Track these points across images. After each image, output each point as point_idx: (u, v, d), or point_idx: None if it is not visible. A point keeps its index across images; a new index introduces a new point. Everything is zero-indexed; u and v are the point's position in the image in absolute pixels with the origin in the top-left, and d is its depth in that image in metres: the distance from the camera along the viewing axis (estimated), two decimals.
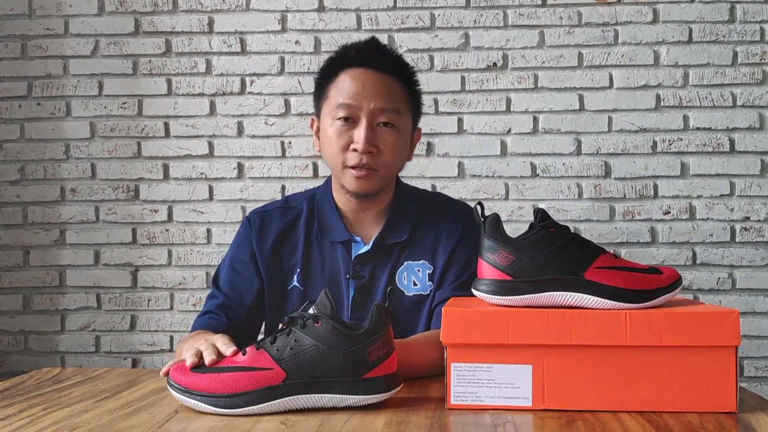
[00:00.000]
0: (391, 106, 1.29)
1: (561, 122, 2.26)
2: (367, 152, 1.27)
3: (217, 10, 2.33)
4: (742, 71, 2.23)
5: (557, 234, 0.96)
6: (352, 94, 1.28)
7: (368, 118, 1.27)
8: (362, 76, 1.29)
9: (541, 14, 2.26)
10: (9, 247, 2.37)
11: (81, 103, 2.35)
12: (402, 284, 1.35)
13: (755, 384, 2.22)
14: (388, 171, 1.32)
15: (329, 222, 1.36)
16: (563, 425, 0.86)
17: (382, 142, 1.28)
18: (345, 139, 1.28)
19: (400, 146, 1.32)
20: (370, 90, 1.28)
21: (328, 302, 0.92)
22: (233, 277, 1.37)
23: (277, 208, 1.41)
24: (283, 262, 1.37)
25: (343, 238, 1.35)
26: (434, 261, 1.35)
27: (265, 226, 1.38)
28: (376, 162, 1.28)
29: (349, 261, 1.35)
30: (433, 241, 1.36)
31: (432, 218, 1.38)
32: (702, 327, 0.90)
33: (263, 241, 1.37)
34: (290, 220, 1.39)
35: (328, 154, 1.31)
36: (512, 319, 0.92)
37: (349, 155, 1.28)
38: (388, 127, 1.29)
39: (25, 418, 0.90)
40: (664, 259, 2.24)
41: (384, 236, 1.35)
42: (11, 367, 2.34)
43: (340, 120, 1.28)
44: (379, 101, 1.28)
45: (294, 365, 0.90)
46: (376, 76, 1.29)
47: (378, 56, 1.31)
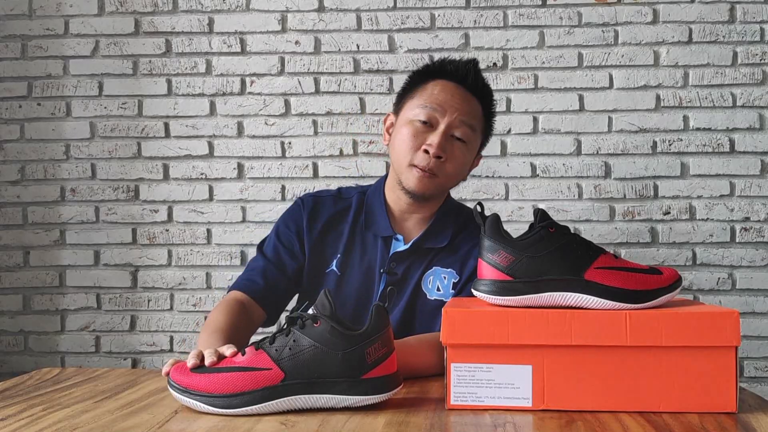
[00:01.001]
0: (469, 122, 1.36)
1: (561, 122, 2.26)
2: (437, 156, 1.32)
3: (217, 10, 2.33)
4: (742, 71, 2.23)
5: (557, 234, 0.96)
6: (439, 101, 1.35)
7: (446, 126, 1.34)
8: (453, 89, 1.36)
9: (541, 14, 2.26)
10: (9, 247, 2.37)
11: (81, 103, 2.35)
12: (426, 287, 1.39)
13: (755, 384, 2.22)
14: (447, 180, 1.38)
15: (376, 216, 1.42)
16: (563, 425, 0.86)
17: (450, 151, 1.34)
18: (419, 140, 1.34)
19: (465, 161, 1.39)
20: (456, 102, 1.35)
21: (327, 303, 0.92)
22: (278, 246, 1.44)
23: (330, 195, 1.49)
24: (326, 247, 1.43)
25: (386, 233, 1.41)
26: (461, 272, 1.39)
27: (316, 210, 1.45)
28: (440, 168, 1.34)
29: (386, 256, 1.40)
30: (465, 254, 1.40)
31: (469, 232, 1.43)
32: (702, 327, 0.90)
33: (312, 223, 1.44)
34: (340, 210, 1.46)
35: (398, 150, 1.36)
36: (512, 320, 0.92)
37: (419, 155, 1.33)
38: (460, 141, 1.36)
39: (25, 419, 0.90)
40: (664, 259, 2.24)
41: (424, 239, 1.40)
42: (11, 367, 2.34)
43: (419, 121, 1.35)
44: (460, 114, 1.34)
45: (292, 365, 0.90)
46: (464, 93, 1.37)
47: (473, 77, 1.38)
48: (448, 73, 1.38)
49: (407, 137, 1.35)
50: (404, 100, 1.42)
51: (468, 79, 1.38)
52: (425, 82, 1.39)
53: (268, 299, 1.40)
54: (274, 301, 1.41)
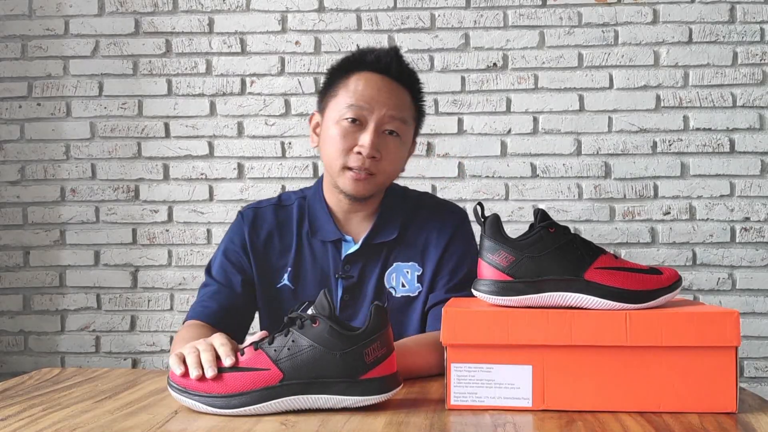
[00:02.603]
0: (400, 115, 1.30)
1: (561, 122, 2.26)
2: (371, 157, 1.27)
3: (217, 11, 2.33)
4: (742, 72, 2.23)
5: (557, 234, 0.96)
6: (365, 97, 1.28)
7: (377, 124, 1.28)
8: (378, 82, 1.29)
9: (541, 15, 2.26)
10: (9, 247, 2.37)
11: (81, 103, 2.35)
12: (390, 284, 1.35)
13: (755, 384, 2.22)
14: (385, 178, 1.33)
15: (320, 221, 1.36)
16: (563, 426, 0.85)
17: (385, 148, 1.29)
18: (350, 141, 1.28)
19: (401, 155, 1.34)
20: (384, 96, 1.28)
21: (326, 303, 0.92)
22: (226, 265, 1.37)
23: (270, 205, 1.41)
24: (273, 259, 1.37)
25: (334, 237, 1.35)
26: (423, 263, 1.35)
27: (257, 221, 1.39)
28: (376, 167, 1.29)
29: (338, 260, 1.35)
30: (423, 243, 1.36)
31: (422, 219, 1.38)
32: (702, 327, 0.90)
33: (255, 236, 1.37)
34: (283, 219, 1.39)
35: (329, 153, 1.31)
36: (512, 320, 0.92)
37: (352, 157, 1.28)
38: (393, 135, 1.30)
39: (25, 419, 0.90)
40: (664, 259, 2.24)
41: (373, 235, 1.35)
42: (11, 367, 2.34)
43: (347, 120, 1.28)
44: (390, 109, 1.28)
45: (291, 366, 0.90)
46: (392, 85, 1.30)
47: (397, 66, 1.32)
48: (370, 65, 1.31)
49: (337, 139, 1.28)
50: (328, 98, 1.33)
51: (391, 68, 1.31)
52: (347, 77, 1.31)
53: (226, 321, 1.31)
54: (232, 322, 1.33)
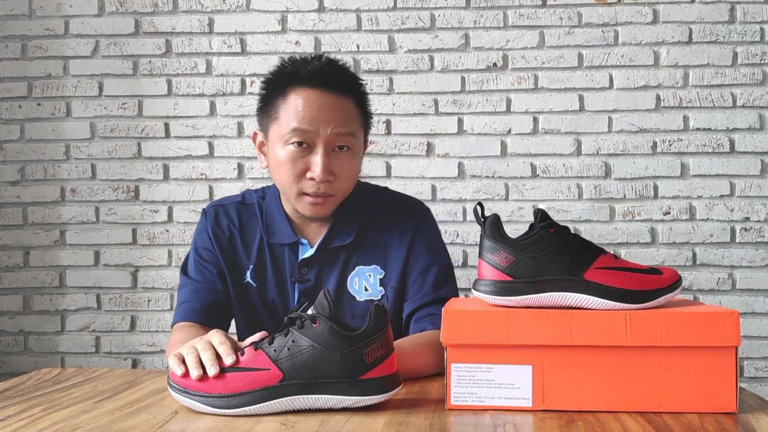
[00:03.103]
0: (347, 130, 1.24)
1: (561, 123, 2.26)
2: (325, 181, 1.23)
3: (217, 11, 2.33)
4: (742, 72, 2.23)
5: (557, 234, 0.96)
6: (307, 119, 1.21)
7: (324, 145, 1.22)
8: (317, 100, 1.22)
9: (541, 15, 2.26)
10: (9, 247, 2.37)
11: (81, 103, 2.35)
12: (353, 289, 1.33)
13: (755, 384, 2.22)
14: (344, 194, 1.29)
15: (276, 224, 1.35)
16: (563, 426, 0.85)
17: (338, 167, 1.24)
18: (300, 166, 1.23)
19: (355, 168, 1.29)
20: (326, 114, 1.22)
21: (326, 303, 0.92)
22: (199, 263, 1.37)
23: (233, 203, 1.40)
24: (238, 255, 1.36)
25: (289, 240, 1.34)
26: (386, 266, 1.33)
27: (219, 219, 1.38)
28: (332, 188, 1.25)
29: (295, 263, 1.34)
30: (384, 245, 1.34)
31: (381, 220, 1.36)
32: (702, 327, 0.90)
33: (220, 232, 1.37)
34: (246, 217, 1.38)
35: (281, 180, 1.27)
36: (512, 320, 0.92)
37: (305, 183, 1.24)
38: (344, 151, 1.25)
39: (25, 419, 0.90)
40: (664, 259, 2.24)
41: (328, 240, 1.33)
42: (11, 367, 2.34)
43: (293, 145, 1.23)
44: (336, 126, 1.22)
45: (291, 366, 0.90)
46: (332, 99, 1.23)
47: (333, 77, 1.24)
48: (305, 80, 1.23)
49: (287, 165, 1.23)
50: (269, 120, 1.27)
51: (328, 81, 1.23)
52: (285, 95, 1.24)
53: (213, 316, 1.32)
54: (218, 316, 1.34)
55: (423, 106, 2.29)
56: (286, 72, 1.26)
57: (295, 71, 1.25)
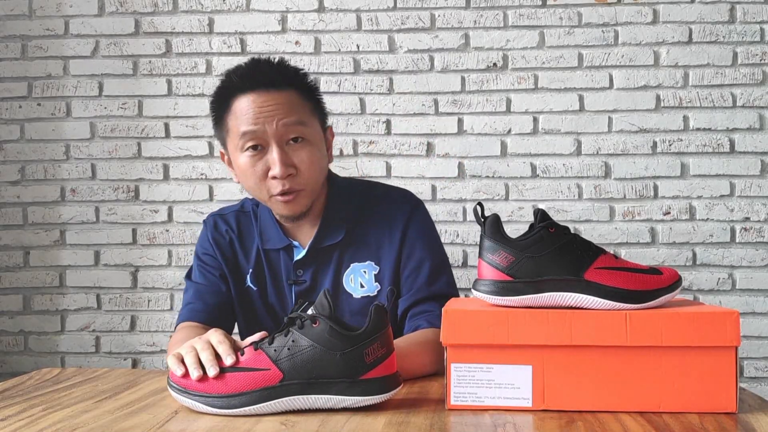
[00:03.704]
0: (294, 120, 1.24)
1: (561, 123, 2.26)
2: (287, 176, 1.23)
3: (217, 11, 2.33)
4: (742, 72, 2.23)
5: (557, 234, 0.96)
6: (251, 120, 1.22)
7: (276, 141, 1.22)
8: (256, 100, 1.22)
9: (541, 15, 2.26)
10: (9, 247, 2.37)
11: (81, 103, 2.35)
12: (349, 287, 1.33)
13: (755, 384, 2.22)
14: (313, 186, 1.29)
15: (268, 230, 1.36)
16: (563, 426, 0.85)
17: (297, 160, 1.24)
18: (260, 169, 1.24)
19: (316, 157, 1.27)
20: (268, 111, 1.22)
21: (326, 303, 0.92)
22: (203, 267, 1.40)
23: (232, 212, 1.43)
24: (238, 261, 1.38)
25: (281, 244, 1.35)
26: (380, 261, 1.33)
27: (219, 227, 1.41)
28: (298, 182, 1.25)
29: (290, 266, 1.34)
30: (376, 240, 1.34)
31: (371, 215, 1.35)
32: (702, 327, 0.90)
33: (220, 240, 1.39)
34: (244, 224, 1.41)
35: (250, 187, 1.28)
36: (512, 320, 0.92)
37: (271, 184, 1.24)
38: (298, 142, 1.24)
39: (25, 419, 0.90)
40: (664, 259, 2.24)
41: (319, 240, 1.33)
42: (11, 367, 2.34)
43: (248, 150, 1.24)
44: (281, 119, 1.22)
45: (291, 366, 0.90)
46: (270, 95, 1.23)
47: (262, 76, 1.24)
48: (240, 87, 1.24)
49: (248, 171, 1.24)
50: (222, 133, 1.29)
51: (260, 81, 1.23)
52: (228, 106, 1.25)
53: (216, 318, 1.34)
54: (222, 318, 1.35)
55: (423, 106, 2.29)
56: (223, 86, 1.28)
57: (229, 81, 1.26)
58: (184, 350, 0.97)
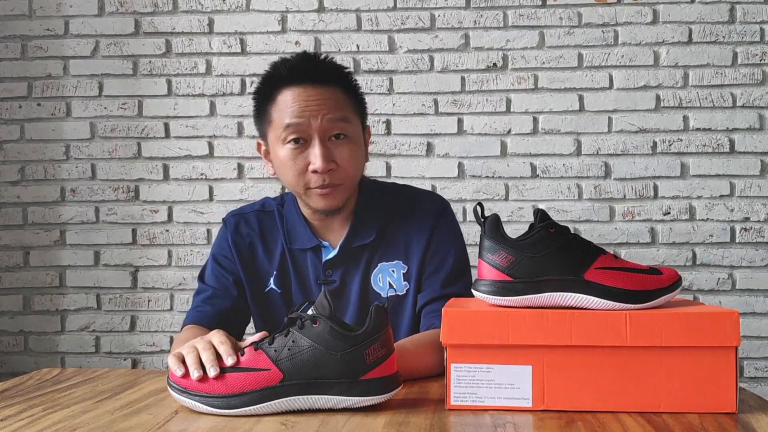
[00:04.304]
0: (339, 116, 1.25)
1: (561, 123, 2.26)
2: (327, 171, 1.24)
3: (217, 11, 2.33)
4: (742, 72, 2.23)
5: (557, 234, 0.95)
6: (296, 113, 1.23)
7: (320, 135, 1.23)
8: (303, 93, 1.24)
9: (541, 15, 2.26)
10: (9, 247, 2.37)
11: (81, 103, 2.35)
12: (378, 286, 1.33)
13: (755, 384, 2.22)
14: (350, 183, 1.30)
15: (296, 230, 1.36)
16: (563, 426, 0.85)
17: (338, 156, 1.25)
18: (301, 162, 1.25)
19: (357, 155, 1.29)
20: (314, 106, 1.23)
21: (326, 303, 0.92)
22: (217, 270, 1.38)
23: (253, 211, 1.41)
24: (259, 264, 1.37)
25: (310, 244, 1.34)
26: (408, 260, 1.34)
27: (241, 227, 1.39)
28: (337, 177, 1.26)
29: (319, 266, 1.34)
30: (405, 240, 1.34)
31: (401, 215, 1.36)
32: (702, 327, 0.90)
33: (240, 242, 1.38)
34: (266, 225, 1.39)
35: (287, 180, 1.28)
36: (512, 320, 0.92)
37: (310, 177, 1.25)
38: (341, 139, 1.26)
39: (25, 419, 0.90)
40: (664, 259, 2.24)
41: (350, 240, 1.33)
42: (11, 367, 2.34)
43: (290, 143, 1.24)
44: (326, 115, 1.23)
45: (291, 366, 0.90)
46: (317, 90, 1.24)
47: (313, 71, 1.26)
48: (288, 79, 1.25)
49: (289, 164, 1.25)
50: (264, 125, 1.30)
51: (309, 75, 1.25)
52: (273, 97, 1.26)
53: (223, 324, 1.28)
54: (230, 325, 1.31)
55: (423, 106, 2.29)
56: (270, 77, 1.29)
57: (277, 73, 1.27)
58: (186, 350, 0.97)
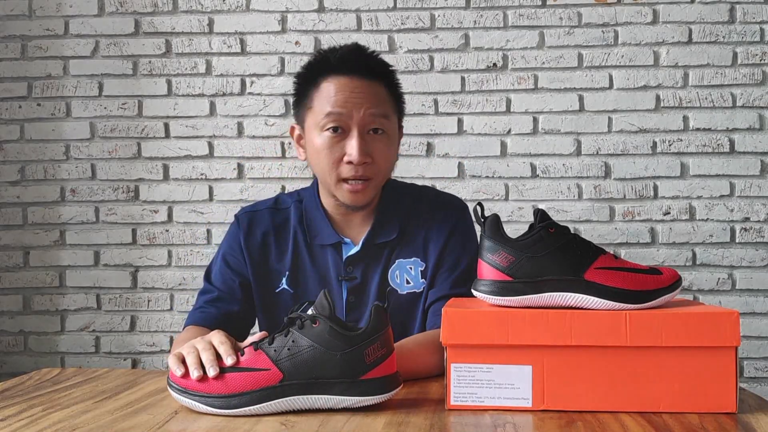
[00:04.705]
0: (380, 112, 1.26)
1: (561, 123, 2.26)
2: (362, 163, 1.24)
3: (217, 11, 2.33)
4: (742, 72, 2.23)
5: (557, 235, 0.96)
6: (340, 102, 1.24)
7: (359, 127, 1.24)
8: (348, 84, 1.25)
9: (541, 15, 2.26)
10: (9, 247, 2.37)
11: (81, 103, 2.35)
12: (395, 283, 1.34)
13: (755, 384, 2.22)
14: (381, 178, 1.31)
15: (317, 225, 1.35)
16: (563, 426, 0.85)
17: (374, 150, 1.26)
18: (337, 152, 1.25)
19: (391, 151, 1.31)
20: (358, 98, 1.24)
21: (326, 303, 0.92)
22: (224, 270, 1.37)
23: (267, 208, 1.40)
24: (271, 264, 1.36)
25: (332, 240, 1.34)
26: (426, 258, 1.34)
27: (253, 226, 1.37)
28: (370, 171, 1.26)
29: (340, 263, 1.33)
30: (424, 238, 1.35)
31: (421, 214, 1.37)
32: (702, 328, 0.90)
33: (251, 241, 1.36)
34: (279, 222, 1.38)
35: (320, 167, 1.28)
36: (512, 320, 0.92)
37: (344, 168, 1.25)
38: (378, 134, 1.27)
39: (25, 419, 0.90)
40: (664, 259, 2.24)
41: (373, 236, 1.33)
42: (11, 367, 2.34)
43: (329, 131, 1.25)
44: (368, 109, 1.24)
45: (291, 366, 0.90)
46: (362, 83, 1.25)
47: (363, 63, 1.27)
48: (336, 67, 1.26)
49: (324, 152, 1.25)
50: (304, 110, 1.30)
51: (358, 66, 1.26)
52: (317, 84, 1.27)
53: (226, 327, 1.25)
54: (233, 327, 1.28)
55: (423, 106, 2.29)
56: (317, 62, 1.30)
57: (325, 60, 1.28)
58: (186, 350, 0.97)
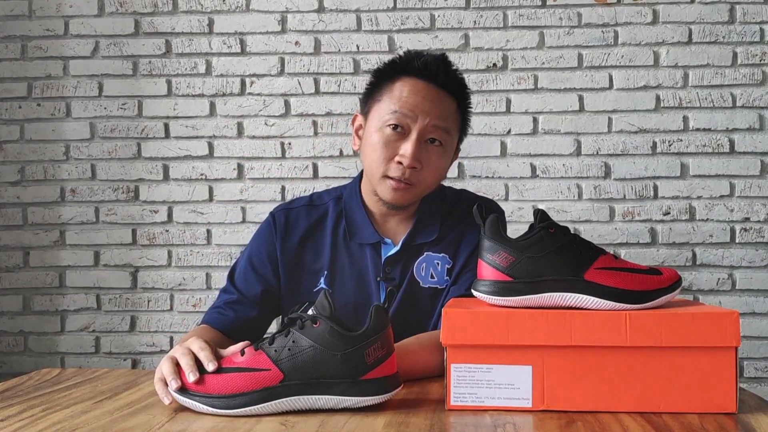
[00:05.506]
0: (444, 125, 1.27)
1: (561, 123, 2.26)
2: (412, 167, 1.24)
3: (217, 11, 2.33)
4: (742, 72, 2.23)
5: (557, 235, 0.96)
6: (409, 104, 1.25)
7: (419, 133, 1.25)
8: (423, 90, 1.26)
9: (541, 15, 2.26)
10: (9, 247, 2.36)
11: (81, 103, 2.35)
12: (419, 275, 1.33)
13: (755, 385, 2.22)
14: (425, 188, 1.30)
15: (358, 223, 1.34)
16: (563, 426, 0.85)
17: (426, 159, 1.26)
18: (391, 149, 1.25)
19: (442, 166, 1.31)
20: (428, 105, 1.25)
21: (327, 303, 0.92)
22: (248, 273, 1.35)
23: (303, 206, 1.38)
24: (307, 263, 1.34)
25: (373, 240, 1.34)
26: (455, 257, 1.34)
27: (290, 225, 1.36)
28: (417, 177, 1.26)
29: (379, 263, 1.33)
30: (456, 237, 1.35)
31: (457, 215, 1.37)
32: (702, 328, 0.90)
33: (287, 240, 1.35)
34: (316, 220, 1.37)
35: (371, 160, 1.28)
36: (512, 320, 0.92)
37: (392, 166, 1.26)
38: (435, 144, 1.27)
39: (25, 419, 0.90)
40: (664, 259, 2.24)
41: (412, 237, 1.34)
42: (11, 367, 2.34)
43: (390, 127, 1.25)
44: (434, 118, 1.25)
45: (291, 366, 0.90)
46: (437, 93, 1.27)
47: (443, 74, 1.28)
48: (416, 71, 1.27)
49: (378, 146, 1.25)
50: (372, 102, 1.31)
51: (438, 76, 1.27)
52: (392, 81, 1.28)
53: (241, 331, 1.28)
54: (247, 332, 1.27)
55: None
56: (400, 61, 1.31)
57: (409, 61, 1.29)
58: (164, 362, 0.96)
